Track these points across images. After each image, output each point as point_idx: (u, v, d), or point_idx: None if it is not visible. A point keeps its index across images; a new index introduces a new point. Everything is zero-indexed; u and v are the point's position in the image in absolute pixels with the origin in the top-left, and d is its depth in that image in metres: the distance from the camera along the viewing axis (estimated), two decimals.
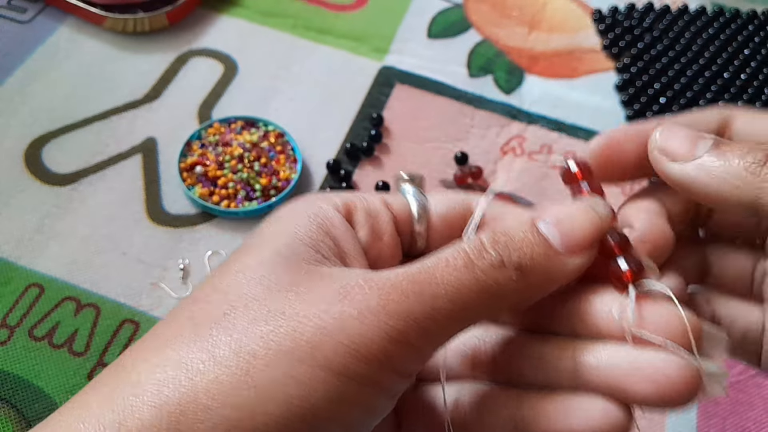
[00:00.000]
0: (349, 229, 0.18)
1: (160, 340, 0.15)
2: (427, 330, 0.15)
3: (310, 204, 0.18)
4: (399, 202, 0.20)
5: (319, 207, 0.18)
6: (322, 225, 0.18)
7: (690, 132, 0.18)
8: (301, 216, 0.18)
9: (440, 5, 0.48)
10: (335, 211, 0.18)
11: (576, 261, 0.17)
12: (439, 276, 0.16)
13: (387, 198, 0.20)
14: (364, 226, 0.19)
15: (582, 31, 0.48)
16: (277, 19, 0.45)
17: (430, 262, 0.16)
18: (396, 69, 0.44)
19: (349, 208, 0.19)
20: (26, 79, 0.40)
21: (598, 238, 0.17)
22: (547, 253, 0.17)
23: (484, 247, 0.16)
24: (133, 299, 0.32)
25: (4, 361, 0.30)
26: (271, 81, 0.42)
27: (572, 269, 0.17)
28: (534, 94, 0.44)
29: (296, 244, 0.17)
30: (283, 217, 0.18)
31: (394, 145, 0.40)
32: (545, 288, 0.17)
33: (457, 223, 0.19)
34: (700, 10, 0.49)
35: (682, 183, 0.17)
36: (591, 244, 0.17)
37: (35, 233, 0.34)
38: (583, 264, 0.17)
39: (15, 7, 0.43)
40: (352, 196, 0.19)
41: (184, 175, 0.36)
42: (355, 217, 0.19)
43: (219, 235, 0.35)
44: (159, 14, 0.42)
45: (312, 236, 0.17)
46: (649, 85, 0.44)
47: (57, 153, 0.37)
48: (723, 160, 0.17)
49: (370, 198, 0.19)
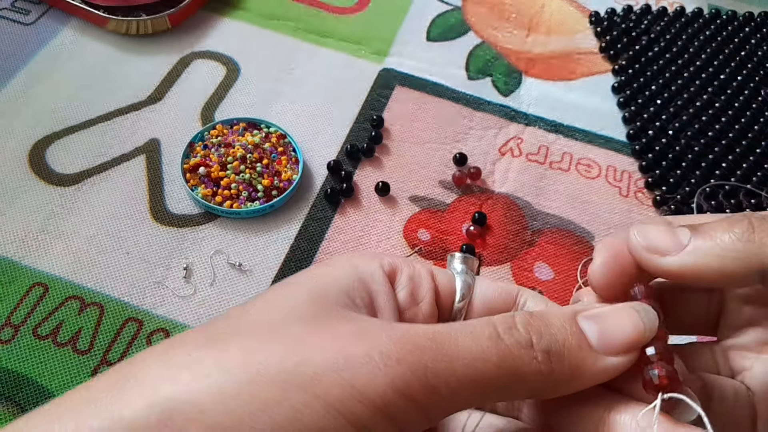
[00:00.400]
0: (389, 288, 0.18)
1: (176, 344, 0.16)
2: (435, 390, 0.15)
3: (358, 257, 0.19)
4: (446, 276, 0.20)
5: (365, 261, 0.18)
6: (363, 277, 0.18)
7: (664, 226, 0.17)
8: (346, 265, 0.18)
9: (439, 8, 0.49)
10: (380, 268, 0.18)
11: (609, 362, 0.16)
12: (461, 340, 0.15)
13: (434, 270, 0.19)
14: (404, 288, 0.18)
15: (579, 33, 0.49)
16: (279, 22, 0.46)
17: (456, 326, 0.16)
18: (396, 71, 0.44)
19: (393, 269, 0.19)
20: (30, 80, 0.40)
21: (638, 344, 0.16)
22: (581, 345, 0.16)
23: (514, 325, 0.16)
24: (137, 298, 0.32)
25: (9, 360, 0.30)
26: (272, 83, 0.42)
27: (603, 369, 0.16)
28: (532, 96, 0.44)
29: (332, 287, 0.17)
30: (329, 263, 0.18)
31: (394, 146, 0.40)
32: (571, 382, 0.16)
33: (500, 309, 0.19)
34: (697, 12, 0.50)
35: (683, 272, 0.17)
36: (629, 349, 0.16)
37: (39, 233, 0.34)
38: (616, 368, 0.16)
39: (18, 9, 0.43)
40: (399, 260, 0.19)
41: (188, 175, 0.36)
42: (398, 278, 0.19)
43: (222, 235, 0.35)
44: (161, 17, 0.42)
45: (350, 284, 0.17)
46: (646, 87, 0.45)
47: (61, 154, 0.37)
48: (713, 240, 0.16)
49: (417, 265, 0.19)
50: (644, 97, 0.44)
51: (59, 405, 0.15)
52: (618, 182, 0.40)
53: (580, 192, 0.40)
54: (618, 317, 0.16)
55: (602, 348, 0.16)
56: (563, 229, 0.37)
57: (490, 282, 0.20)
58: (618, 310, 0.16)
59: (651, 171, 0.41)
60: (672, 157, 0.41)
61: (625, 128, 0.43)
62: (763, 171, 0.41)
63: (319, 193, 0.37)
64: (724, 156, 0.41)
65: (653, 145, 0.42)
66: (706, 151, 0.41)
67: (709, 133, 0.42)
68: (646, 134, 0.42)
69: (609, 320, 0.16)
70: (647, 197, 0.40)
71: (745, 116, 0.43)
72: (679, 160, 0.41)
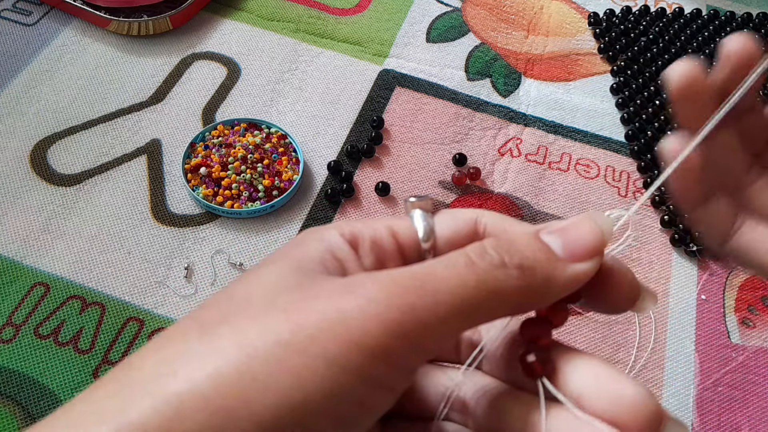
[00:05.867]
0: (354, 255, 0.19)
1: (167, 340, 0.16)
2: (426, 324, 0.15)
3: (320, 230, 0.19)
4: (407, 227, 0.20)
5: (327, 233, 0.19)
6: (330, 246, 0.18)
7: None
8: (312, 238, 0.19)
9: (439, 10, 0.49)
10: (341, 237, 0.19)
11: (578, 268, 0.17)
12: (439, 273, 0.16)
13: (395, 224, 0.20)
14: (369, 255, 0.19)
15: (578, 34, 0.49)
16: (280, 24, 0.46)
17: (432, 262, 0.17)
18: (396, 72, 0.44)
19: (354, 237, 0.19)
20: (32, 81, 0.40)
21: (599, 249, 0.17)
22: (548, 257, 0.17)
23: (485, 249, 0.17)
24: (138, 298, 0.32)
25: (10, 359, 0.30)
26: (273, 84, 0.42)
27: (573, 275, 0.17)
28: (531, 97, 0.44)
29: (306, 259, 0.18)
30: (296, 240, 0.19)
31: (394, 147, 0.40)
32: (546, 292, 0.17)
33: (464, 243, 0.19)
34: (695, 13, 0.50)
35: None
36: (592, 254, 0.17)
37: (41, 233, 0.34)
38: (585, 273, 0.17)
39: (20, 10, 0.44)
40: (359, 224, 0.19)
41: (189, 176, 0.36)
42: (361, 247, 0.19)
43: (223, 235, 0.35)
44: (163, 18, 0.43)
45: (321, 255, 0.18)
46: (645, 88, 0.45)
47: (62, 154, 0.37)
48: None
49: (377, 226, 0.20)
50: (642, 97, 0.44)
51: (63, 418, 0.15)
52: (617, 182, 0.41)
53: (578, 192, 0.40)
54: (576, 228, 0.17)
55: (568, 256, 0.17)
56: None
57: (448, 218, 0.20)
58: (575, 222, 0.18)
59: (649, 171, 0.41)
60: None
61: (624, 128, 0.43)
62: None
63: (319, 194, 0.38)
64: None
65: (651, 145, 0.42)
66: None
67: None
68: (644, 134, 0.42)
69: (569, 232, 0.17)
70: None
71: None
72: None
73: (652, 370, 0.34)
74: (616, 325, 0.35)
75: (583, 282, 0.17)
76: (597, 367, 0.17)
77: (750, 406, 0.33)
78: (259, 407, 0.14)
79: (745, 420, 0.33)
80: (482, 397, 0.19)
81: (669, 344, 0.34)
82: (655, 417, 0.16)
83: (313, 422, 0.15)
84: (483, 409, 0.18)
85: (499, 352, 0.19)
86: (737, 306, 0.36)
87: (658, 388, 0.33)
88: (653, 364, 0.34)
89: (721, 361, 0.34)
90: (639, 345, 0.34)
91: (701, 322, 0.35)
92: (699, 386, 0.33)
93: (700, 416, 0.32)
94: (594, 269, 0.17)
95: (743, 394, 0.33)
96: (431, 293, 0.16)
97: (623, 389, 0.16)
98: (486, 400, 0.19)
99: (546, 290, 0.17)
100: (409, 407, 0.20)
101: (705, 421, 0.32)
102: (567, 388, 0.17)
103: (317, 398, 0.14)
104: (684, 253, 0.38)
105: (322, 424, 0.15)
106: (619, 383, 0.16)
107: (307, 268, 0.17)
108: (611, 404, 0.16)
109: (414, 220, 0.20)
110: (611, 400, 0.16)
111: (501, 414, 0.18)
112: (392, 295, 0.16)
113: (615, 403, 0.16)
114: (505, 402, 0.18)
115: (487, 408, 0.18)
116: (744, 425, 0.32)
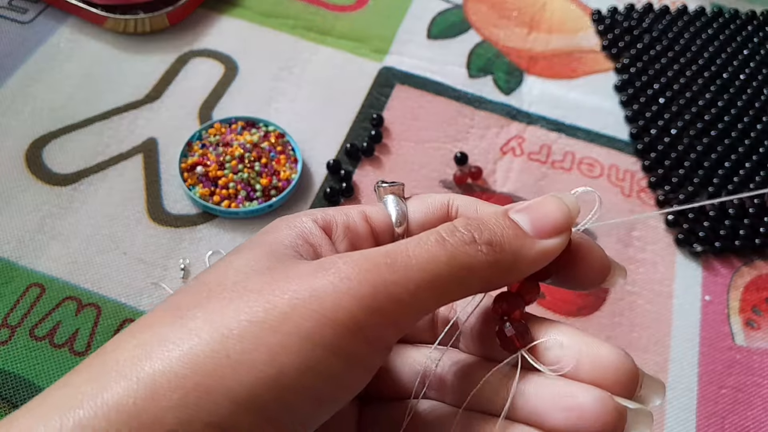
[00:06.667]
0: (327, 240, 0.19)
1: (141, 326, 0.16)
2: (399, 299, 0.16)
3: (292, 217, 0.20)
4: (379, 212, 0.20)
5: (300, 219, 0.19)
6: (302, 232, 0.19)
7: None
8: (284, 226, 0.19)
9: (440, 6, 0.48)
10: (314, 222, 0.19)
11: (546, 244, 0.17)
12: (411, 250, 0.16)
13: (368, 210, 0.20)
14: (342, 240, 0.19)
15: (581, 31, 0.48)
16: (278, 20, 0.45)
17: (404, 241, 0.17)
18: (396, 69, 0.44)
19: (327, 223, 0.19)
20: (27, 79, 0.40)
21: (566, 225, 0.18)
22: (517, 234, 0.17)
23: (456, 228, 0.17)
24: (134, 299, 0.32)
25: (5, 361, 0.30)
26: (271, 82, 0.42)
27: (542, 251, 0.17)
28: (533, 95, 0.44)
29: (279, 245, 0.18)
30: (268, 228, 0.19)
31: (394, 145, 0.40)
32: (515, 268, 0.17)
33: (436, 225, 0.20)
34: (699, 10, 0.49)
35: None
36: (559, 230, 0.18)
37: (36, 233, 0.34)
38: (553, 248, 0.18)
39: (16, 8, 0.43)
40: (332, 211, 0.20)
41: (185, 175, 0.36)
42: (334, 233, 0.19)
43: (220, 235, 0.35)
44: (159, 15, 0.42)
45: (293, 241, 0.18)
46: (649, 86, 0.44)
47: (58, 153, 0.37)
48: None
49: (350, 212, 0.20)
50: (646, 96, 0.44)
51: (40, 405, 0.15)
52: (620, 182, 0.40)
53: None
54: (543, 206, 0.18)
55: (536, 233, 0.18)
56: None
57: (419, 203, 0.21)
58: (541, 201, 0.18)
59: (653, 171, 0.40)
60: (674, 156, 0.41)
61: (628, 127, 0.43)
62: (765, 170, 0.40)
63: (318, 193, 0.37)
64: (726, 156, 0.41)
65: (656, 144, 0.41)
66: (709, 150, 0.41)
67: (712, 133, 0.42)
68: (648, 133, 0.42)
69: (536, 209, 0.18)
70: (650, 197, 0.40)
71: (747, 115, 0.43)
72: (682, 159, 0.41)
73: (656, 372, 0.33)
74: (620, 327, 0.34)
75: (551, 258, 0.18)
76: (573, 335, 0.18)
77: (755, 408, 0.33)
78: (233, 384, 0.14)
79: (749, 422, 0.32)
80: (459, 372, 0.19)
81: (673, 346, 0.34)
82: (633, 374, 0.17)
83: (289, 398, 0.15)
84: (461, 382, 0.19)
85: (475, 329, 0.20)
86: (741, 307, 0.36)
87: None
88: (657, 366, 0.33)
89: (726, 363, 0.34)
90: (643, 347, 0.34)
91: (706, 324, 0.35)
92: (703, 388, 0.33)
93: (704, 418, 0.32)
94: (562, 245, 0.18)
95: (747, 396, 0.33)
96: (403, 269, 0.16)
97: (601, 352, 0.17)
98: (463, 373, 0.19)
99: (515, 265, 0.17)
100: (386, 389, 0.20)
101: (709, 424, 0.32)
102: (545, 357, 0.17)
103: (292, 374, 0.14)
104: (688, 253, 0.38)
105: (299, 401, 0.15)
106: (597, 347, 0.17)
107: (279, 253, 0.18)
108: (592, 368, 0.17)
109: (387, 205, 0.20)
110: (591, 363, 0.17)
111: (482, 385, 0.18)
112: (364, 272, 0.16)
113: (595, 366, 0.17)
114: (483, 374, 0.18)
115: (465, 381, 0.19)
116: (750, 427, 0.32)
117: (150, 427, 0.13)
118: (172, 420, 0.14)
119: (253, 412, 0.14)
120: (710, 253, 0.37)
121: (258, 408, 0.14)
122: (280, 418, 0.15)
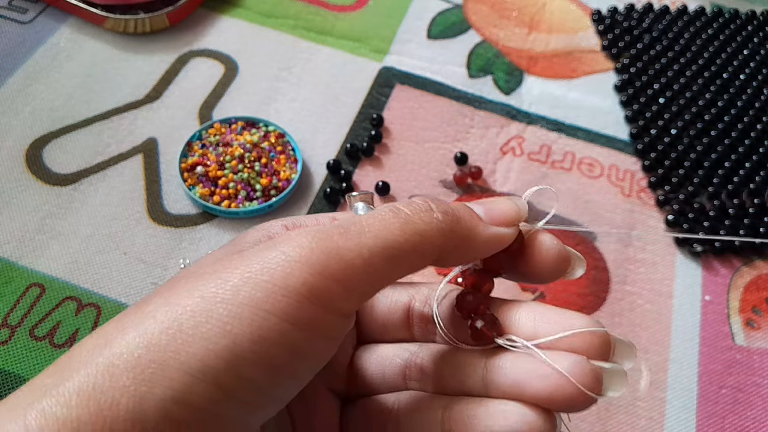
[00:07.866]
0: None
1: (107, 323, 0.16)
2: (352, 263, 0.16)
3: (264, 224, 0.20)
4: None
5: (269, 224, 0.20)
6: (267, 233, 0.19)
7: None
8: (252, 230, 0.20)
9: (440, 6, 0.48)
10: (283, 227, 0.20)
11: (498, 230, 0.18)
12: (365, 220, 0.17)
13: (338, 216, 0.21)
14: None
15: (581, 31, 0.48)
16: (278, 20, 0.45)
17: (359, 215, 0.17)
18: (396, 69, 0.44)
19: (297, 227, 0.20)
20: (27, 79, 0.40)
21: (516, 220, 0.19)
22: (471, 215, 0.18)
23: (412, 201, 0.18)
24: (134, 299, 0.32)
25: (5, 361, 0.30)
26: (271, 82, 0.42)
27: (494, 234, 0.18)
28: (533, 95, 0.44)
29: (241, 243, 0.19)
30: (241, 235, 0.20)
31: (394, 146, 0.40)
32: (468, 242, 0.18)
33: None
34: (699, 10, 0.49)
35: None
36: (509, 222, 0.19)
37: (36, 233, 0.34)
38: (504, 235, 0.18)
39: (16, 8, 0.43)
40: (303, 218, 0.21)
41: (185, 175, 0.36)
42: None
43: (220, 235, 0.35)
44: (160, 15, 0.42)
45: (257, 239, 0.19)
46: (649, 86, 0.44)
47: (58, 153, 0.37)
48: None
49: (321, 218, 0.21)
50: (646, 95, 0.44)
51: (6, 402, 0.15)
52: (620, 182, 0.40)
53: (582, 192, 0.39)
54: (496, 203, 0.19)
55: (488, 220, 0.19)
56: (565, 229, 0.37)
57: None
58: (494, 199, 0.20)
59: (653, 171, 0.40)
60: (675, 156, 0.41)
61: (628, 127, 0.43)
62: (766, 170, 0.40)
63: (318, 193, 0.37)
64: (727, 156, 0.41)
65: (656, 144, 0.41)
66: (709, 150, 0.41)
67: (712, 132, 0.42)
68: (648, 133, 0.42)
69: (490, 203, 0.19)
70: (650, 197, 0.40)
71: (747, 115, 0.43)
72: (682, 159, 0.41)
73: (656, 372, 0.33)
74: (620, 327, 0.34)
75: (501, 244, 0.19)
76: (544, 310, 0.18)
77: (755, 408, 0.33)
78: (186, 357, 0.14)
79: (749, 422, 0.32)
80: (439, 359, 0.19)
81: (673, 346, 0.34)
82: (606, 340, 0.18)
83: (244, 369, 0.15)
84: (442, 367, 0.19)
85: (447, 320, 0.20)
86: (742, 307, 0.36)
87: (662, 390, 0.33)
88: (657, 366, 0.33)
89: (725, 363, 0.34)
90: (643, 347, 0.34)
91: (706, 324, 0.35)
92: (703, 388, 0.33)
93: (704, 418, 0.32)
94: (511, 236, 0.19)
95: (747, 397, 0.33)
96: (356, 235, 0.16)
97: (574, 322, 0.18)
98: (443, 359, 0.19)
99: (468, 241, 0.18)
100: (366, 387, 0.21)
101: (709, 424, 0.32)
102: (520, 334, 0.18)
103: (245, 344, 0.15)
104: (688, 253, 0.38)
105: (254, 371, 0.15)
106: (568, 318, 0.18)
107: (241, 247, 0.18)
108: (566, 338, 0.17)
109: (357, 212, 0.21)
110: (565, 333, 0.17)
111: (461, 367, 0.18)
112: (316, 240, 0.16)
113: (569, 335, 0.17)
114: (464, 356, 0.19)
115: (446, 366, 0.19)
116: (750, 427, 0.32)
117: (109, 407, 0.14)
118: (129, 398, 0.14)
119: (207, 383, 0.14)
120: (710, 253, 0.37)
121: (212, 379, 0.14)
122: (235, 388, 0.15)
